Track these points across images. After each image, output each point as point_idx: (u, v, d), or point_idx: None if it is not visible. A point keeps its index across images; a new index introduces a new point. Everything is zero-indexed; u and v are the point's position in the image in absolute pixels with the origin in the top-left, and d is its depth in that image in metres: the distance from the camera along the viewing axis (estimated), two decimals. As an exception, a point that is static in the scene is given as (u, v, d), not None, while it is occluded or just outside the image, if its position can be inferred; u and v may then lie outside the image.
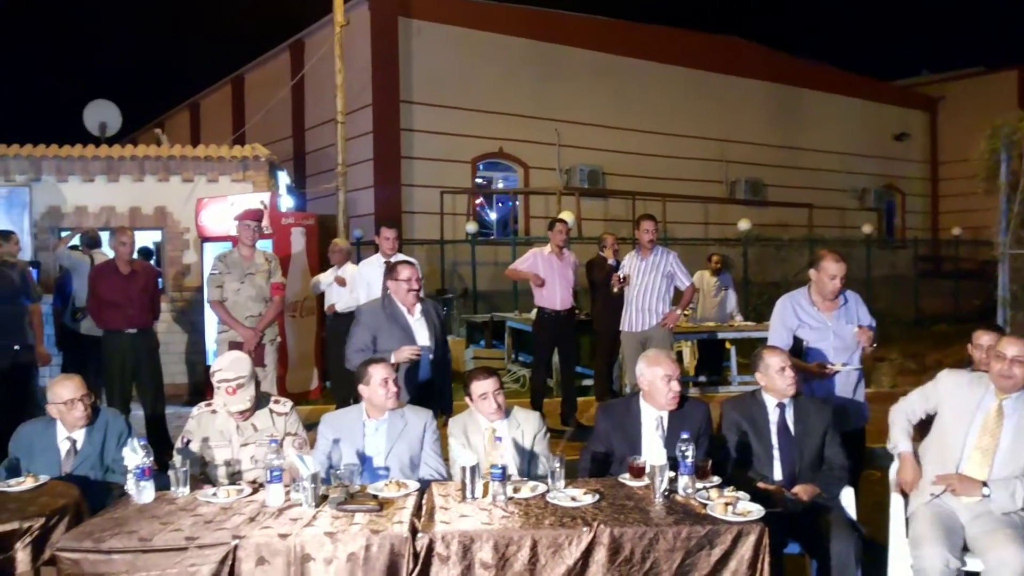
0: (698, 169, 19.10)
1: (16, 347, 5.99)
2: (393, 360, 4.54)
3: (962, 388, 3.71)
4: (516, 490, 3.38)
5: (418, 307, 5.00)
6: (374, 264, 6.70)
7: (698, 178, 19.00)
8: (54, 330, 7.92)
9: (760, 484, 3.64)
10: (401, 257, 6.22)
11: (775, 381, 3.87)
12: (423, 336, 4.92)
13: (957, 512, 3.53)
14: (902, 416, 3.87)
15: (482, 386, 3.91)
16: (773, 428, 3.88)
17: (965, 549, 3.41)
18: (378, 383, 3.88)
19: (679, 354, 9.63)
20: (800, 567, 3.90)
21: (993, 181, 7.95)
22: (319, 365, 8.88)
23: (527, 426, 3.99)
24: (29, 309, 6.19)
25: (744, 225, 14.33)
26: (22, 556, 3.09)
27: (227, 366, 3.91)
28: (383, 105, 15.68)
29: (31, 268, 7.26)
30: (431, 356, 4.97)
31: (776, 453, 3.85)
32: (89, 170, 9.22)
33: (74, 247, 8.55)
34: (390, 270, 5.01)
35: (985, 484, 3.47)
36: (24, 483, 3.54)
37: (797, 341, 4.60)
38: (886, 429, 3.91)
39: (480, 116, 16.43)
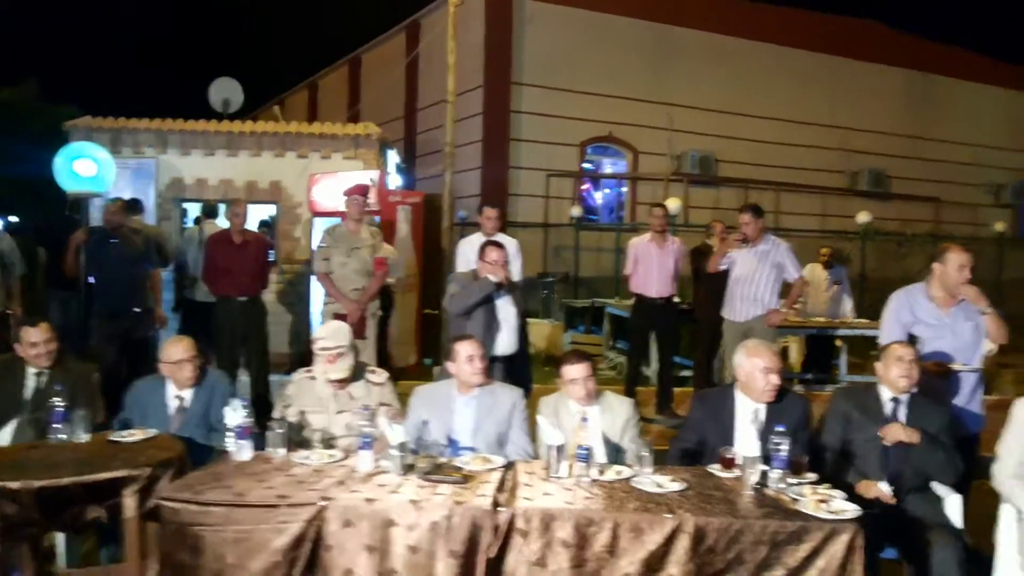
0: (817, 158, 18.34)
1: (137, 309, 6.37)
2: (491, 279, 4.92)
3: None
4: (602, 473, 3.35)
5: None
6: (475, 243, 6.74)
7: (817, 167, 18.25)
8: (173, 296, 8.39)
9: (861, 484, 3.47)
10: (497, 237, 6.27)
11: (891, 371, 3.67)
12: (507, 311, 5.03)
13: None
14: (1010, 480, 3.40)
15: (572, 371, 3.87)
16: (881, 421, 3.68)
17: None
18: (464, 359, 3.91)
19: (784, 350, 9.30)
20: (896, 574, 3.71)
21: None
22: (419, 341, 9.05)
23: (619, 412, 3.93)
24: (150, 274, 6.57)
25: (864, 217, 13.66)
26: (129, 502, 3.28)
27: (329, 335, 4.02)
28: (494, 86, 15.76)
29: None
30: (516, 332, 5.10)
31: (882, 450, 3.65)
32: (210, 144, 9.66)
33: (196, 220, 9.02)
34: (480, 250, 5.18)
35: None
36: (135, 435, 3.76)
37: (912, 340, 4.35)
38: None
39: (590, 99, 16.25)
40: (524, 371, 5.22)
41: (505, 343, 5.09)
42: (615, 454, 3.87)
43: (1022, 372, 9.33)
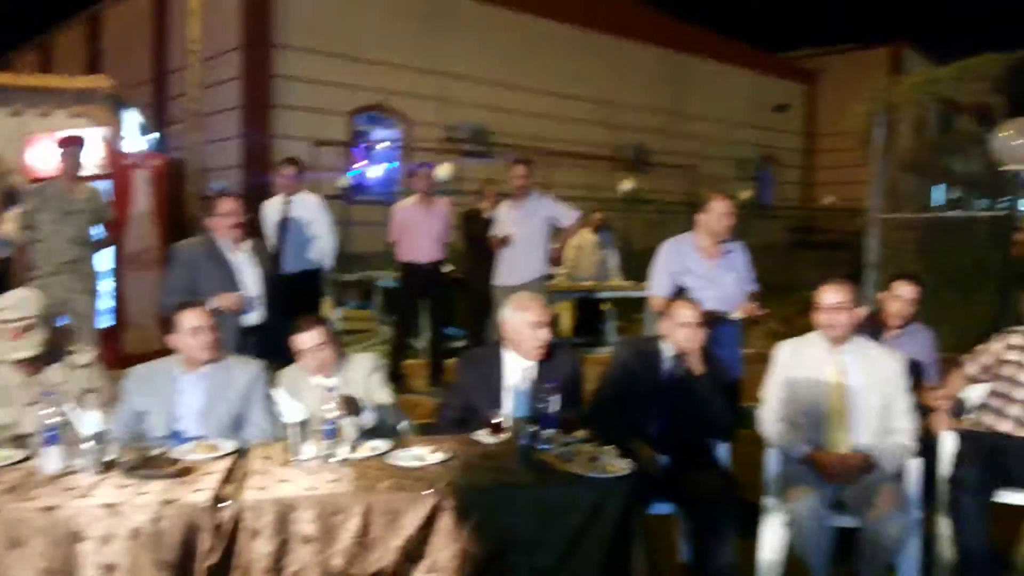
0: (585, 132, 18.76)
1: None
2: (215, 304, 3.97)
3: (798, 355, 3.44)
4: (353, 449, 2.90)
5: (246, 243, 4.53)
6: (275, 204, 6.16)
7: (585, 141, 18.72)
8: None
9: (634, 444, 3.27)
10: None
11: (677, 335, 3.48)
12: (251, 276, 4.41)
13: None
14: (776, 424, 3.38)
15: (300, 340, 3.36)
16: (662, 376, 3.53)
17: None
18: (188, 332, 3.28)
19: (555, 317, 9.32)
20: (665, 528, 3.60)
21: (868, 147, 8.05)
22: (161, 324, 8.05)
23: (358, 370, 3.47)
24: None
25: (627, 185, 14.14)
26: None
27: (12, 305, 3.23)
28: (253, 48, 14.58)
29: None
30: (262, 301, 4.49)
31: (657, 404, 3.48)
32: None
33: None
34: (209, 205, 4.53)
35: (866, 461, 3.17)
36: None
37: (681, 291, 4.34)
38: (760, 389, 3.56)
39: (361, 65, 15.52)
40: (281, 343, 4.57)
41: (251, 314, 4.46)
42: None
43: (771, 328, 9.98)
